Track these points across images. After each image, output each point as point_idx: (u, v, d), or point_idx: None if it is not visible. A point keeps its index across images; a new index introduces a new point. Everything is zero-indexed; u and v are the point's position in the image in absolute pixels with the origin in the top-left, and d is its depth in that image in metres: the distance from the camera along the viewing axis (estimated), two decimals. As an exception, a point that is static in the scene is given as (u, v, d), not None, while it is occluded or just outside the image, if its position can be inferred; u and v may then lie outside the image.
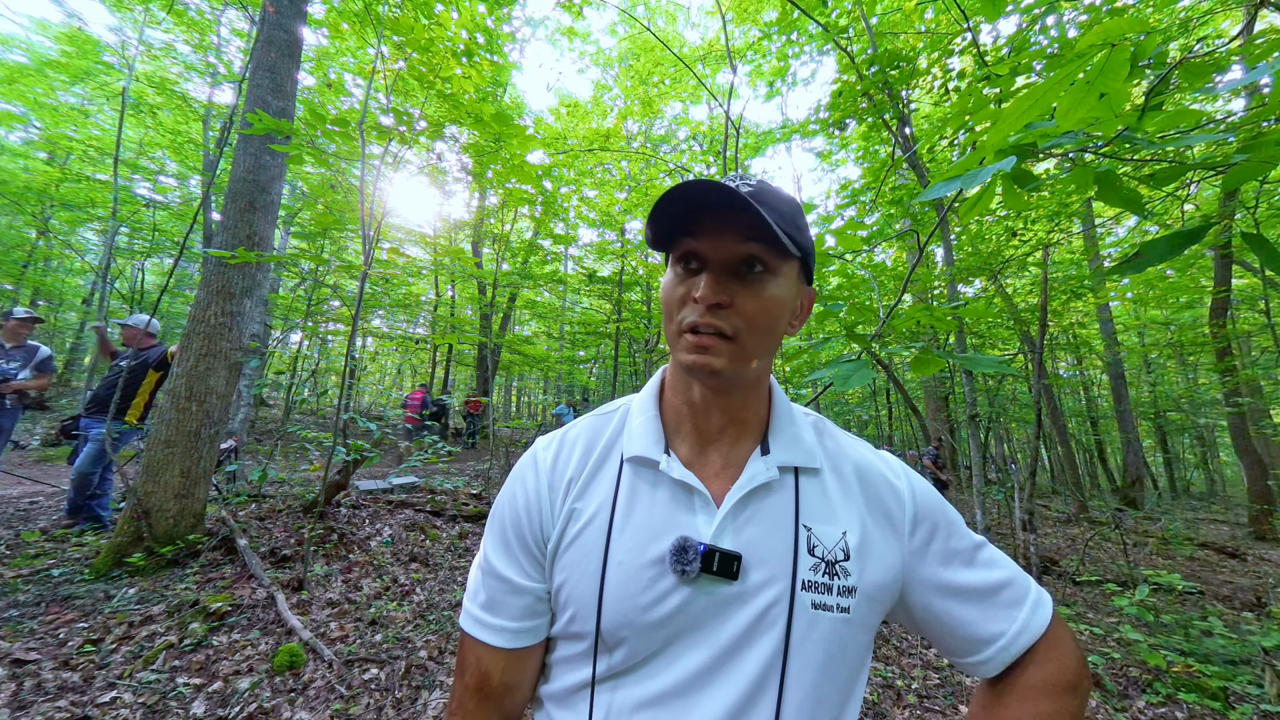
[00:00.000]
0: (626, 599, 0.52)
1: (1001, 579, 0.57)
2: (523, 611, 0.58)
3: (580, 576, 0.55)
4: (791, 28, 5.30)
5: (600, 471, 0.60)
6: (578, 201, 9.55)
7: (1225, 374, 7.90)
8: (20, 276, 13.14)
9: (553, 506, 0.59)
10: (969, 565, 0.58)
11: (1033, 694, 0.54)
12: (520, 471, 0.62)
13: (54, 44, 11.66)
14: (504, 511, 0.61)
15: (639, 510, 0.56)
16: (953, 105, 2.65)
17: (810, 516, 0.55)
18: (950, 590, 0.56)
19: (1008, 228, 6.14)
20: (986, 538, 3.61)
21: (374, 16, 3.96)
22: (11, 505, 4.21)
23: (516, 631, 0.57)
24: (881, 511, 0.58)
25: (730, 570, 0.51)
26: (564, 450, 0.62)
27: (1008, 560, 0.60)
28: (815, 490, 0.57)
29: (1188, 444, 21.86)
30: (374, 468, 7.43)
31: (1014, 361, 8.65)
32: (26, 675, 1.95)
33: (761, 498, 0.56)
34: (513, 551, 0.59)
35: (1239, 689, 2.69)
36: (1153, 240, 0.96)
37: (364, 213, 3.20)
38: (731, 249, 0.52)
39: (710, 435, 0.59)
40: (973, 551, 0.59)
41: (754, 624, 0.51)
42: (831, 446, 0.62)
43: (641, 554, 0.53)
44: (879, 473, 0.60)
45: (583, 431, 0.64)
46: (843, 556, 0.54)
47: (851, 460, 0.61)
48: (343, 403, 3.48)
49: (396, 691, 2.16)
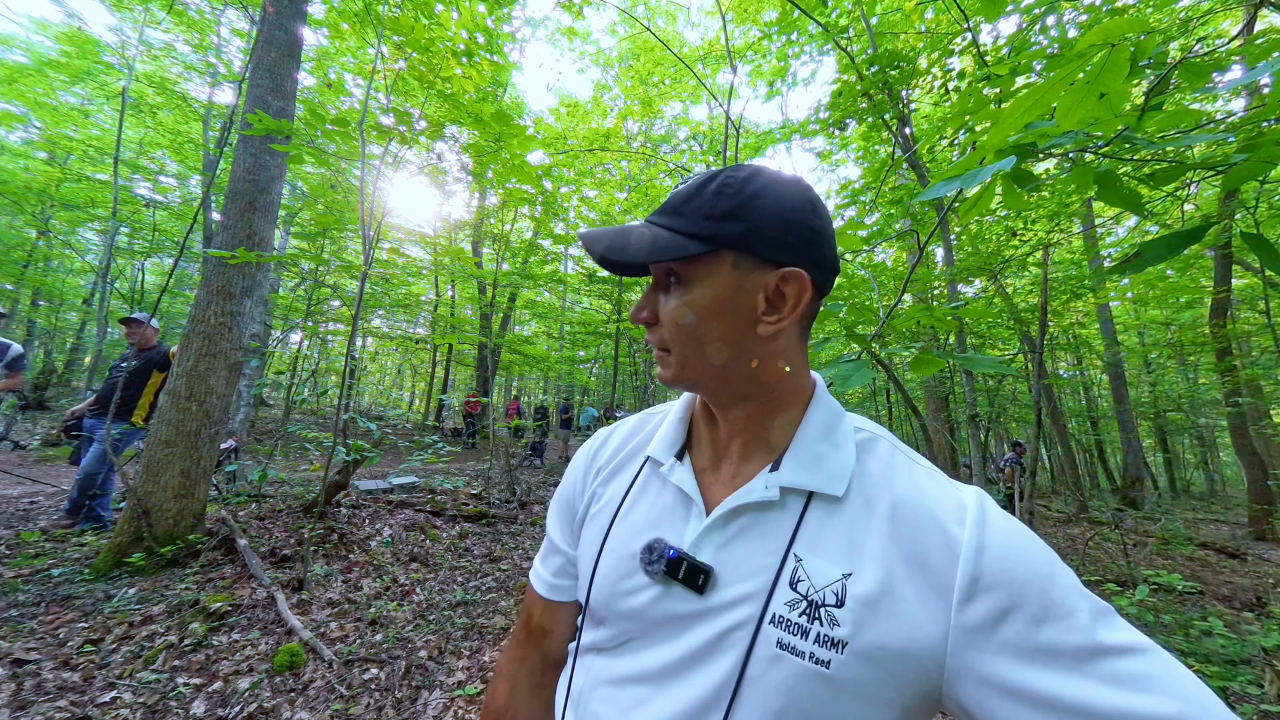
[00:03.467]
0: (609, 584, 0.56)
1: (1153, 712, 0.36)
2: (558, 569, 0.67)
3: (587, 553, 0.60)
4: (791, 28, 5.31)
5: (627, 465, 0.64)
6: (578, 201, 9.56)
7: (1225, 374, 7.90)
8: (20, 276, 13.15)
9: (585, 486, 0.66)
10: (1076, 671, 0.38)
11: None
12: (580, 450, 0.71)
13: (54, 44, 11.67)
14: (565, 481, 0.70)
15: (640, 506, 0.59)
16: (953, 105, 2.65)
17: (807, 547, 0.48)
18: (1029, 699, 0.39)
19: (1008, 228, 6.14)
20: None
21: (374, 16, 3.96)
22: (11, 505, 4.20)
23: (551, 585, 0.67)
24: (916, 561, 0.45)
25: (696, 583, 0.50)
26: (610, 441, 0.69)
27: (1176, 674, 0.38)
28: (825, 520, 0.49)
29: (1188, 444, 21.87)
30: (374, 468, 7.43)
31: (1014, 361, 8.65)
32: (26, 675, 1.95)
33: (756, 516, 0.51)
34: (560, 516, 0.69)
35: (1239, 689, 2.69)
36: (1153, 240, 0.96)
37: (364, 213, 3.20)
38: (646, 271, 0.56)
39: (721, 445, 0.58)
40: (1094, 654, 0.38)
41: (712, 643, 0.48)
42: (876, 473, 0.51)
43: (627, 546, 0.56)
44: (928, 511, 0.47)
45: (630, 426, 0.70)
46: (834, 601, 0.45)
47: (895, 493, 0.49)
48: (343, 403, 3.48)
49: (396, 691, 2.16)
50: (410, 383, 28.09)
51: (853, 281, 6.37)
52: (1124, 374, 12.08)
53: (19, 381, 3.88)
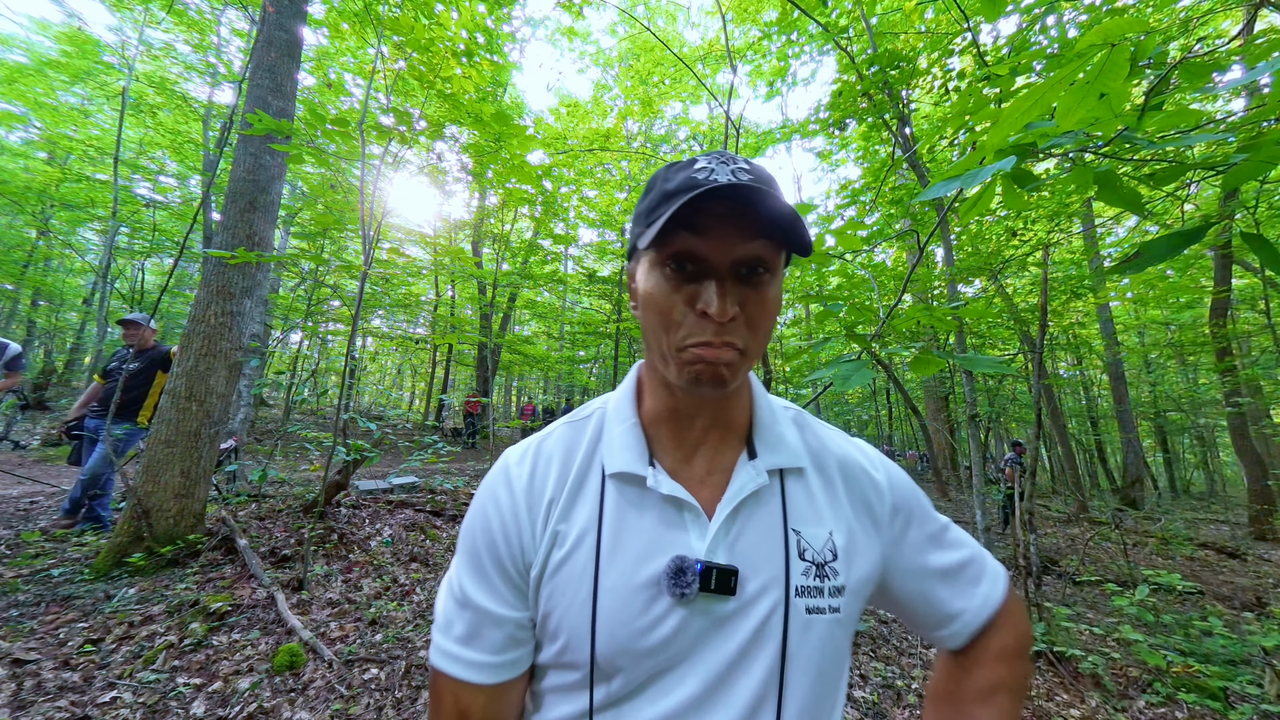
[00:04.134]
0: (621, 626, 0.49)
1: (965, 558, 0.60)
2: (504, 643, 0.53)
3: (570, 604, 0.51)
4: (791, 28, 5.31)
5: (582, 489, 0.55)
6: (578, 201, 9.55)
7: (1225, 374, 7.90)
8: (20, 276, 13.15)
9: (533, 529, 0.54)
10: (939, 547, 0.60)
11: (992, 660, 0.58)
12: (492, 490, 0.56)
13: (54, 44, 11.66)
14: (477, 535, 0.55)
15: (628, 531, 0.52)
16: (953, 105, 2.65)
17: (798, 520, 0.54)
18: (925, 573, 0.59)
19: (1008, 228, 6.14)
20: (986, 538, 3.58)
21: (374, 16, 3.96)
22: (11, 505, 4.20)
23: (498, 665, 0.52)
24: (864, 507, 0.58)
25: (728, 586, 0.49)
26: (540, 466, 0.57)
27: (968, 538, 0.62)
28: (801, 491, 0.56)
29: (1188, 444, 21.87)
30: (374, 468, 7.43)
31: (1014, 361, 8.65)
32: (26, 675, 1.95)
33: (752, 506, 0.54)
34: (490, 579, 0.54)
35: (1239, 689, 2.69)
36: (1153, 240, 0.96)
37: (364, 213, 3.20)
38: (738, 250, 0.46)
39: (693, 440, 0.56)
40: (941, 534, 0.61)
41: (753, 636, 0.50)
42: (814, 442, 0.60)
43: (634, 577, 0.50)
44: (860, 466, 0.60)
45: (558, 443, 0.59)
46: (831, 557, 0.54)
47: (835, 455, 0.60)
48: (343, 403, 3.48)
49: (396, 691, 2.16)
50: (410, 383, 28.10)
51: (853, 281, 6.37)
52: (1124, 374, 12.08)
53: (18, 381, 3.87)
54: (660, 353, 0.50)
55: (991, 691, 0.56)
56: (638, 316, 0.54)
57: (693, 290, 0.48)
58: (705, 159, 0.49)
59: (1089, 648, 3.20)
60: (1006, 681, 0.57)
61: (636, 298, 0.54)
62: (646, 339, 0.53)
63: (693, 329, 0.47)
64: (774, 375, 7.58)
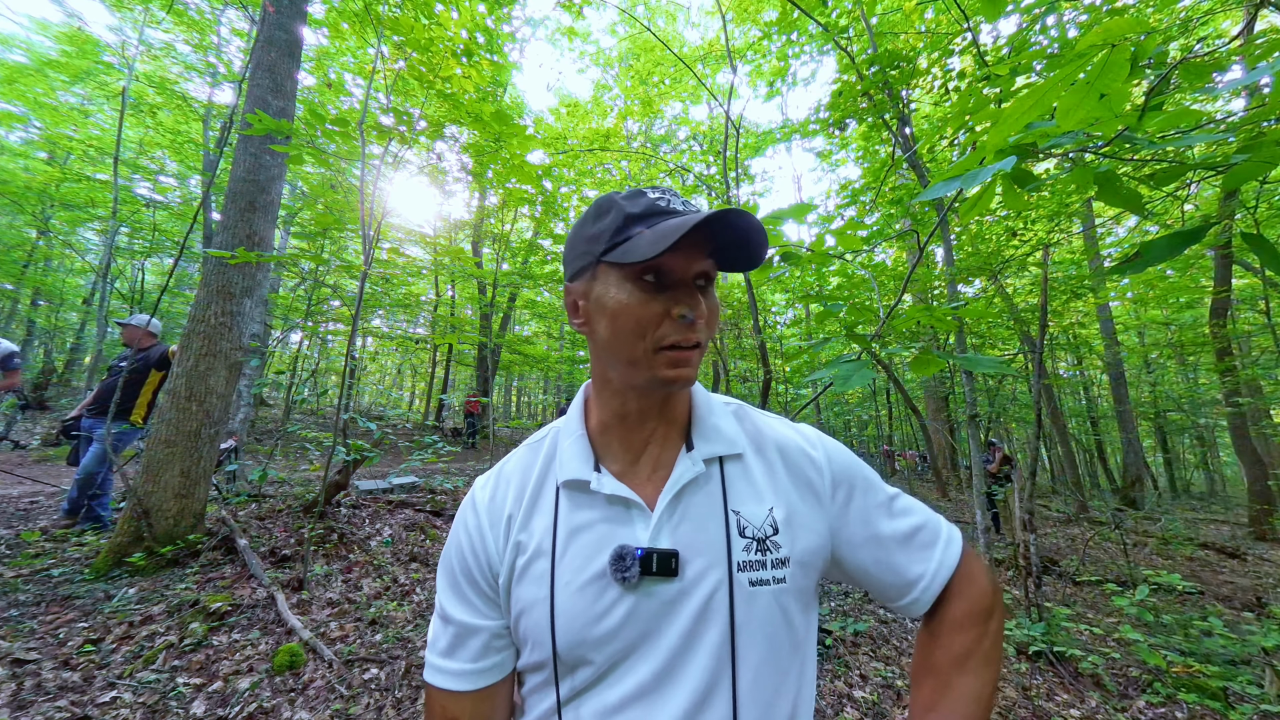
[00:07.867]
0: (576, 618, 0.54)
1: (916, 524, 0.63)
2: (481, 650, 0.59)
3: (532, 606, 0.56)
4: (791, 28, 5.31)
5: (538, 501, 0.61)
6: (578, 201, 9.55)
7: (1225, 374, 7.90)
8: (20, 276, 13.14)
9: (497, 542, 0.60)
10: (889, 516, 0.63)
11: (957, 626, 0.60)
12: (461, 515, 0.64)
13: (54, 44, 11.66)
14: (451, 556, 0.62)
15: (579, 531, 0.57)
16: (953, 105, 2.65)
17: (738, 501, 0.59)
18: (875, 541, 0.61)
19: (1008, 228, 6.14)
20: (985, 534, 3.58)
21: (374, 16, 3.96)
22: (11, 505, 4.20)
23: (477, 672, 0.58)
24: (804, 483, 0.62)
25: (669, 568, 0.54)
26: (500, 486, 0.64)
27: (921, 506, 0.65)
28: (740, 475, 0.61)
29: (1188, 444, 21.87)
30: (374, 467, 7.43)
31: (1014, 361, 8.65)
32: (26, 675, 1.95)
33: (691, 493, 0.58)
34: (464, 593, 0.60)
35: (1239, 689, 2.69)
36: (1153, 240, 0.96)
37: (364, 213, 3.20)
38: (697, 265, 0.55)
39: (639, 444, 0.61)
40: (890, 502, 0.64)
41: (700, 613, 0.54)
42: (752, 430, 0.65)
43: (584, 572, 0.55)
44: (797, 447, 0.64)
45: (516, 465, 0.66)
46: (771, 531, 0.58)
47: (772, 440, 0.64)
48: (343, 403, 3.48)
49: (396, 691, 2.16)
50: (410, 383, 28.09)
51: (853, 281, 6.37)
52: (1124, 374, 12.09)
53: (16, 380, 3.87)
54: (630, 358, 0.55)
55: (965, 657, 0.58)
56: (585, 332, 0.61)
57: (668, 298, 0.54)
58: (650, 190, 0.58)
59: (1089, 648, 3.20)
60: (975, 648, 0.58)
61: (589, 313, 0.59)
62: (611, 348, 0.57)
63: (669, 331, 0.54)
64: (774, 375, 7.58)
